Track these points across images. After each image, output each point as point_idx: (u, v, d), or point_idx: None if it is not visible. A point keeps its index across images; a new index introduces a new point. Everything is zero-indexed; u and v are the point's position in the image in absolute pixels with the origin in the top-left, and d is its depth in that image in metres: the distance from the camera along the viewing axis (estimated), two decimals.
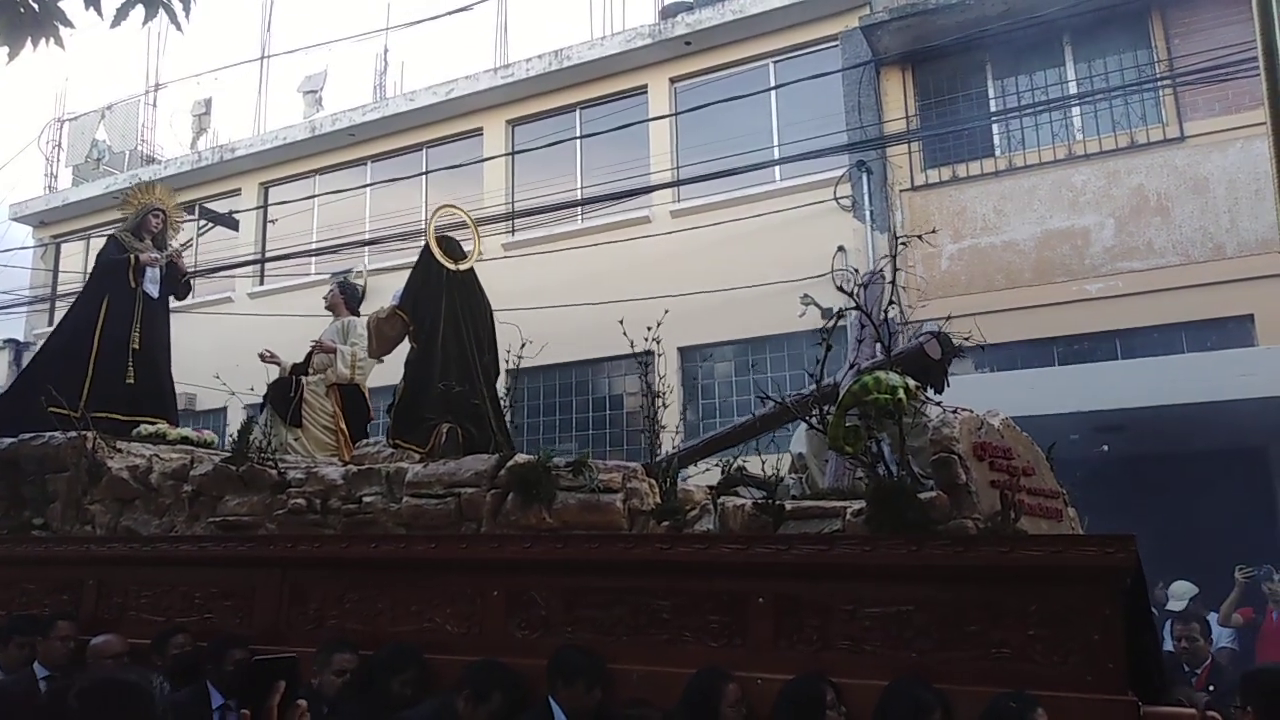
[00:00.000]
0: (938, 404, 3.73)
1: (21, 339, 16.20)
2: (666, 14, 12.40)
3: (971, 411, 3.72)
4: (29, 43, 3.48)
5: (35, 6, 3.44)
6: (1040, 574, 3.28)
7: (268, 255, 14.43)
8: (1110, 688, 3.15)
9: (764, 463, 4.07)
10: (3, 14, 3.41)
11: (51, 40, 3.53)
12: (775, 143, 11.34)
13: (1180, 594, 7.24)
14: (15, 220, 16.89)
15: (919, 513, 3.46)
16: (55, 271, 16.45)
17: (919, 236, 4.92)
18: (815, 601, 3.54)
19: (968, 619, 3.34)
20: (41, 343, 7.08)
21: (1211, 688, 5.19)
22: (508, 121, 13.19)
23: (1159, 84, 9.69)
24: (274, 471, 4.94)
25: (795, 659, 3.50)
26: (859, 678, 3.37)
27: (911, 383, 3.50)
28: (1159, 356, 8.67)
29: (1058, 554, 3.29)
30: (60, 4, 3.54)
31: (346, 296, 6.99)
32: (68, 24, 3.54)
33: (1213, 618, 6.74)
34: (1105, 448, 3.91)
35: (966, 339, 3.94)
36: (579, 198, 12.37)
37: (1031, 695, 3.09)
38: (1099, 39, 10.12)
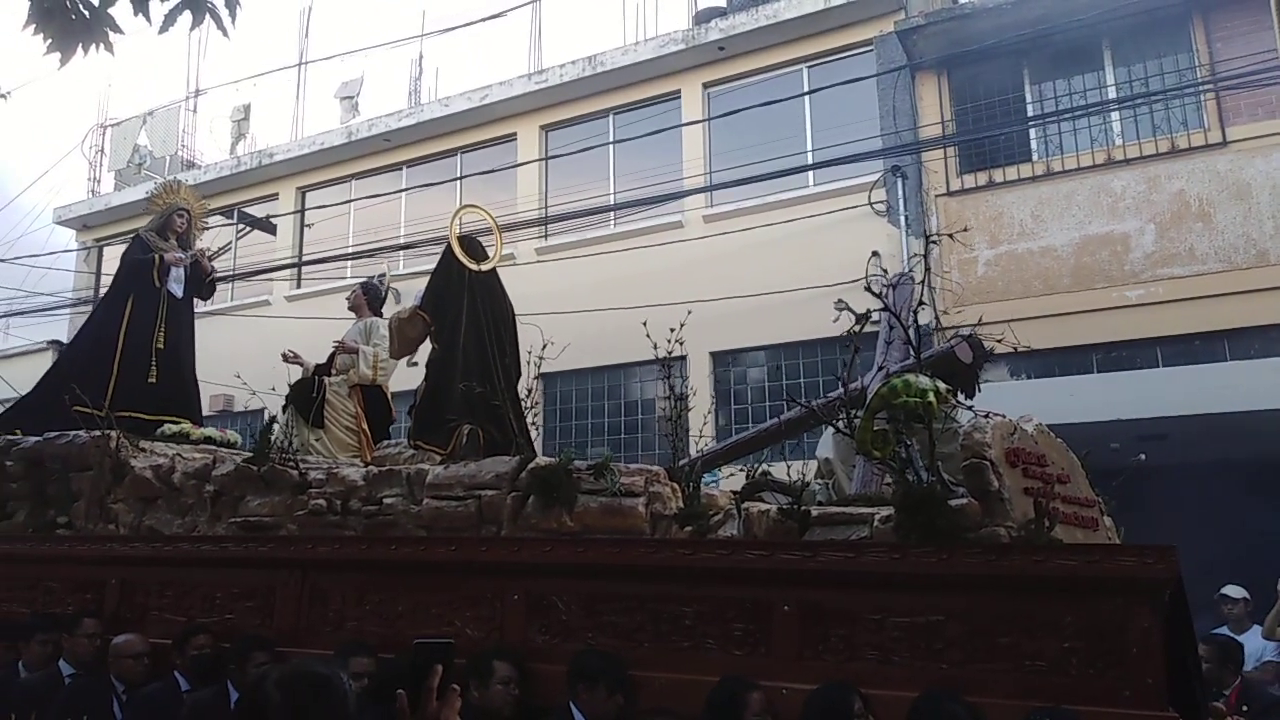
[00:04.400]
0: (969, 409, 3.61)
1: (65, 340, 16.47)
2: (700, 19, 12.36)
3: (1004, 416, 3.61)
4: (79, 48, 3.53)
5: (86, 13, 3.49)
6: (1076, 584, 3.16)
7: (304, 259, 14.55)
8: (1149, 703, 3.02)
9: (789, 468, 3.97)
10: (54, 20, 3.46)
11: (101, 46, 3.56)
12: (809, 148, 11.24)
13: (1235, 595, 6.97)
14: (59, 224, 17.21)
15: (950, 520, 3.35)
16: (98, 274, 16.68)
17: (950, 235, 4.80)
18: (842, 610, 3.44)
19: (1000, 630, 3.23)
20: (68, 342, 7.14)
21: (1245, 708, 4.98)
22: (541, 127, 13.21)
23: (1201, 88, 9.47)
24: (295, 472, 4.93)
25: (821, 669, 3.39)
26: (887, 689, 3.26)
27: (942, 386, 3.39)
28: (1201, 364, 8.46)
29: (1094, 564, 3.16)
30: (109, 10, 3.57)
31: (369, 297, 6.99)
32: (117, 30, 3.57)
33: (1256, 630, 6.50)
34: (1142, 456, 3.78)
35: (999, 341, 3.82)
36: (612, 203, 12.34)
37: (1069, 709, 2.97)
38: (1139, 43, 9.93)
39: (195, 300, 6.90)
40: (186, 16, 3.50)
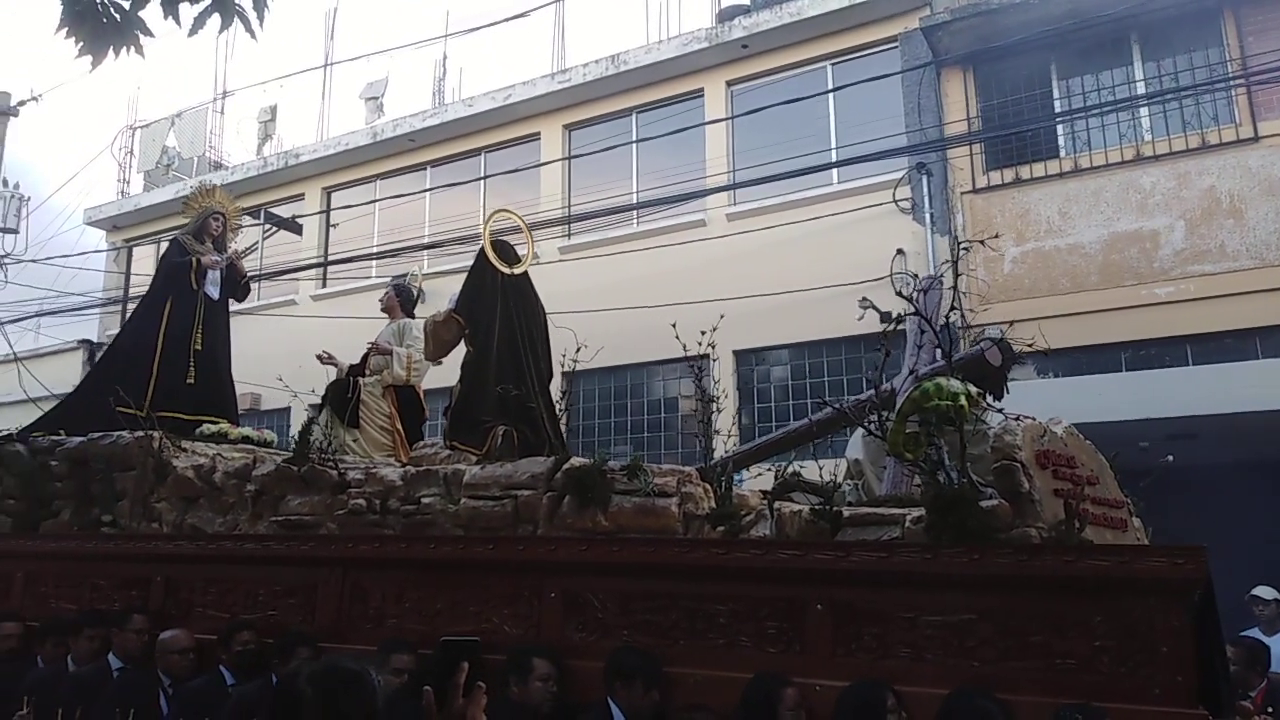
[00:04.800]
0: (999, 411, 3.66)
1: (95, 339, 16.72)
2: (723, 17, 12.37)
3: (1034, 419, 3.65)
4: (110, 51, 3.58)
5: (117, 16, 3.54)
6: (1107, 584, 3.21)
7: (330, 258, 14.70)
8: (1179, 700, 3.07)
9: (821, 468, 4.03)
10: (86, 24, 3.51)
11: (131, 48, 3.61)
12: (833, 145, 11.24)
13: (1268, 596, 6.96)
14: (89, 224, 17.45)
15: (981, 521, 3.40)
16: (127, 274, 16.92)
17: (982, 242, 4.83)
18: (874, 609, 3.50)
19: (1031, 629, 3.29)
20: (108, 344, 7.29)
21: (1270, 710, 4.98)
22: (564, 126, 13.27)
23: (1232, 83, 9.40)
24: (334, 472, 5.03)
25: (854, 666, 3.46)
26: (919, 686, 3.33)
27: (973, 390, 3.44)
28: (1232, 363, 8.41)
29: (1125, 564, 3.21)
30: (139, 13, 3.62)
31: (401, 299, 7.09)
32: (148, 33, 3.62)
33: None
34: (1170, 458, 3.80)
35: (1030, 345, 3.85)
36: (635, 201, 12.40)
37: (1098, 706, 3.02)
38: (1168, 37, 9.86)
39: (230, 301, 7.03)
40: (215, 19, 3.56)
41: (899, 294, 3.76)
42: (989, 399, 3.88)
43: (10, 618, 5.20)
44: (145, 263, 16.66)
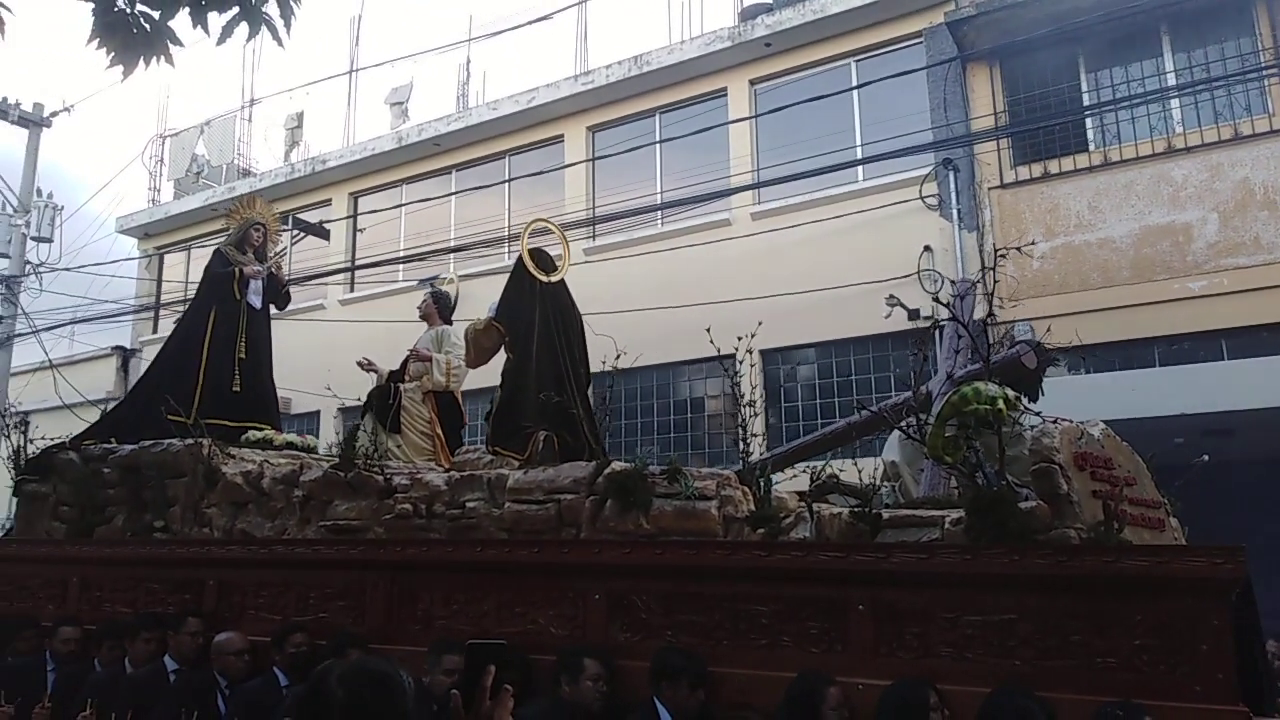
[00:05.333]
0: (1037, 414, 3.71)
1: (128, 345, 17.00)
2: (746, 16, 12.40)
3: (1071, 421, 3.70)
4: (141, 61, 3.64)
5: (147, 27, 3.60)
6: (1146, 584, 3.27)
7: (357, 263, 14.87)
8: (1220, 698, 3.12)
9: (860, 471, 4.09)
10: (117, 35, 3.57)
11: (161, 58, 3.67)
12: (858, 142, 11.25)
13: None
14: (121, 232, 17.72)
15: (1020, 522, 3.46)
16: (159, 281, 17.17)
17: (1019, 249, 4.85)
18: (916, 609, 3.57)
19: (1071, 628, 3.34)
20: (155, 352, 7.45)
21: None
22: (588, 128, 13.35)
23: (1265, 73, 9.33)
24: (380, 478, 5.14)
25: (896, 665, 3.53)
26: (961, 684, 3.39)
27: (1010, 393, 3.50)
28: (1269, 356, 8.35)
29: (1164, 564, 3.27)
30: (169, 23, 3.68)
31: (440, 306, 7.20)
32: (178, 42, 3.67)
33: None
34: (1205, 457, 3.82)
35: (1069, 347, 3.90)
36: (659, 202, 12.46)
37: (1139, 704, 3.08)
38: (1199, 27, 9.80)
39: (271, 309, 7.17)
40: (243, 27, 3.61)
41: (934, 298, 3.80)
42: (1025, 401, 3.93)
43: (69, 622, 5.36)
44: (176, 269, 16.92)
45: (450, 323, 7.12)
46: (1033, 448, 3.52)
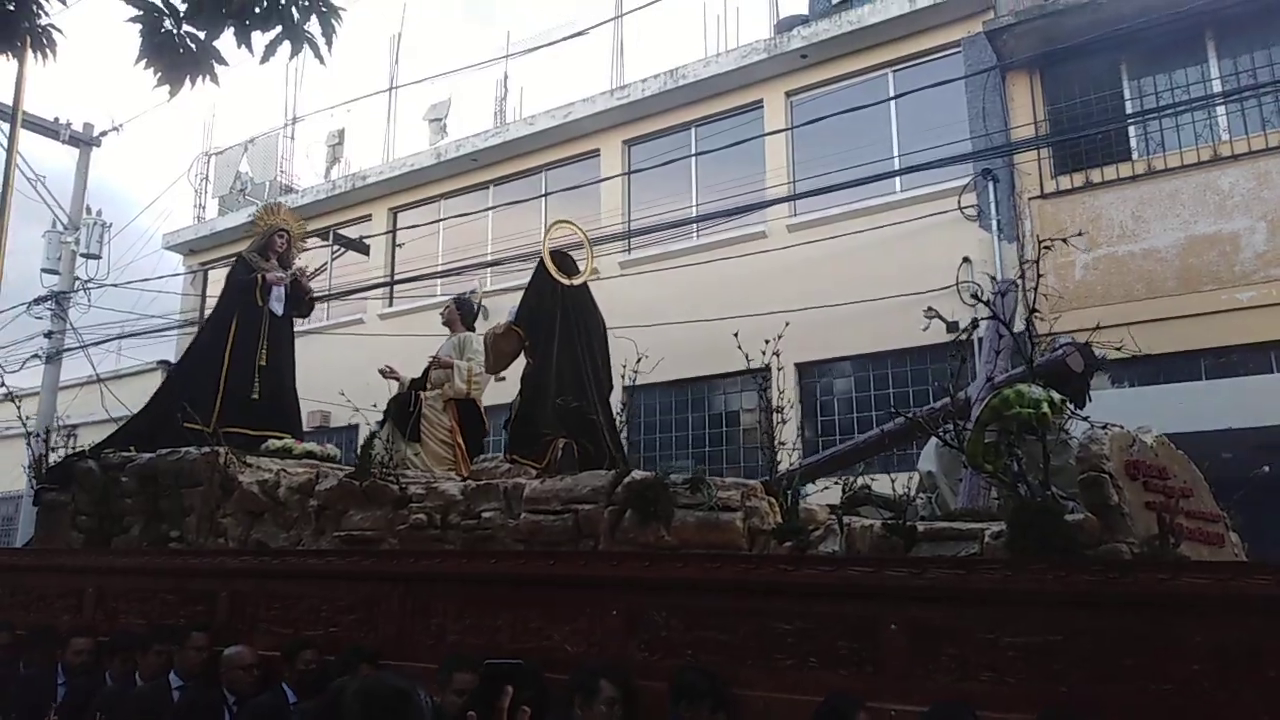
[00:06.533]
0: (1084, 419, 3.47)
1: (173, 360, 17.15)
2: (781, 28, 12.28)
3: (1122, 427, 3.46)
4: (187, 81, 3.71)
5: (193, 47, 3.65)
6: (1205, 604, 3.01)
7: (397, 277, 14.91)
8: None
9: (894, 481, 3.87)
10: (164, 55, 3.64)
11: (207, 77, 3.74)
12: (895, 153, 11.04)
13: None
14: (167, 249, 17.96)
15: (1066, 536, 3.22)
16: (203, 296, 17.32)
17: (1065, 240, 4.59)
18: (953, 629, 3.33)
19: (1123, 650, 3.09)
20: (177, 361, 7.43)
21: None
22: (624, 142, 13.29)
23: None
24: (395, 487, 5.01)
25: (932, 689, 3.29)
26: (1003, 711, 3.15)
27: (1056, 396, 3.27)
28: None
29: (1225, 582, 3.00)
30: (214, 43, 3.74)
31: (462, 313, 7.10)
32: (223, 62, 3.74)
33: None
34: (1266, 469, 3.57)
35: (1119, 349, 3.66)
36: (694, 214, 12.33)
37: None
38: (1245, 32, 9.50)
39: (294, 318, 7.10)
40: (286, 46, 3.65)
41: (975, 298, 3.59)
42: (1071, 407, 3.68)
43: (82, 633, 5.28)
44: (220, 285, 17.04)
45: (473, 329, 7.00)
46: (1080, 455, 3.28)
